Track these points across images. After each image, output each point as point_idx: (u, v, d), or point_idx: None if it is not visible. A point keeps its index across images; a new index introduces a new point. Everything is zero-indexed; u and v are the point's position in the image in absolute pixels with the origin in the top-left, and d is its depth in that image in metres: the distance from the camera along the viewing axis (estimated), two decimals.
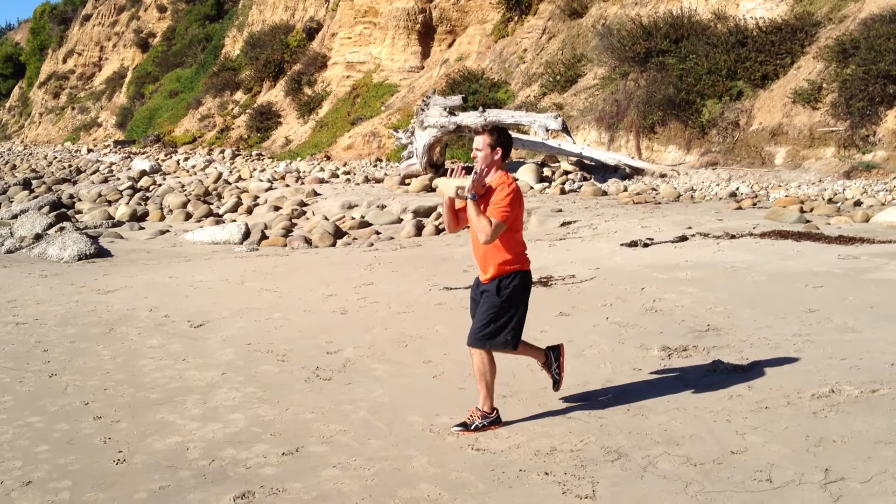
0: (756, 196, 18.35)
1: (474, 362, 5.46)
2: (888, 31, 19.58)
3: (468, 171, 5.45)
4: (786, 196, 17.61)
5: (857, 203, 16.25)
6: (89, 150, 53.24)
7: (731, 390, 5.99)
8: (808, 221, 13.95)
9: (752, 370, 6.42)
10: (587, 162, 24.32)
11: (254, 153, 42.45)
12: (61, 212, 21.38)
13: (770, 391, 5.92)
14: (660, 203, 18.29)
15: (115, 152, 48.63)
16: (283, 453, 5.27)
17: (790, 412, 5.51)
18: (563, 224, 16.09)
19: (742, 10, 25.48)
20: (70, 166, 39.77)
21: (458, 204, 5.52)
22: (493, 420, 5.52)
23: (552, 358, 5.90)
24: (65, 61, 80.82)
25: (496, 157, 5.40)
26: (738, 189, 19.36)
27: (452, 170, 5.55)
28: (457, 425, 5.53)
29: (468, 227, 5.57)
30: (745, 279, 9.73)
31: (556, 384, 5.93)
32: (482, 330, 5.40)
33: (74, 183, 31.06)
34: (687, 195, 19.26)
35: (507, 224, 5.28)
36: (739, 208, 16.57)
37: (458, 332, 7.21)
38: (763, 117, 22.23)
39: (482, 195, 5.32)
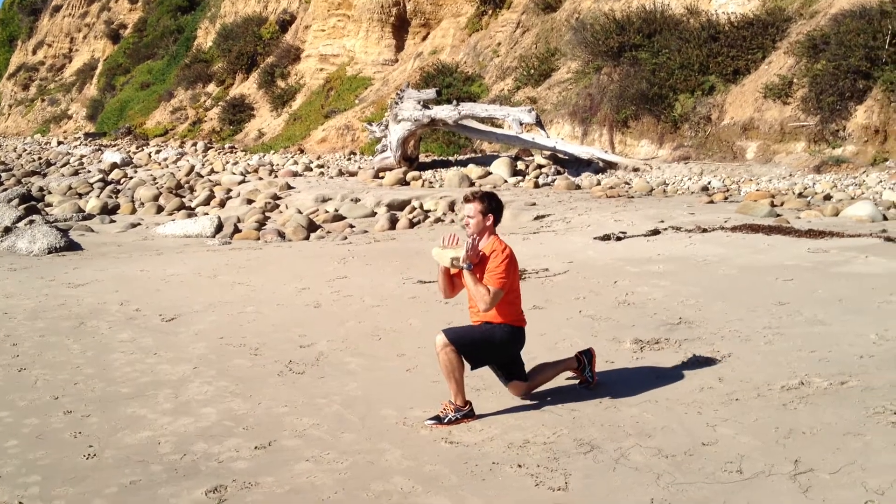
0: (727, 190, 18.49)
1: (441, 360, 5.50)
2: (858, 26, 19.79)
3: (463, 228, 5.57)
4: (757, 190, 17.76)
5: (827, 197, 16.42)
6: (59, 143, 52.58)
7: (703, 382, 6.04)
8: (778, 215, 14.08)
9: (723, 362, 6.48)
10: (561, 156, 24.39)
11: (226, 146, 42.15)
12: (31, 204, 21.10)
13: (740, 383, 5.97)
14: (633, 197, 18.38)
15: (86, 145, 48.08)
16: (255, 447, 5.25)
17: (760, 404, 5.56)
18: (537, 218, 16.13)
19: (714, 6, 25.65)
20: (40, 159, 39.29)
21: (453, 271, 5.61)
22: (466, 413, 5.54)
23: (585, 362, 6.07)
24: (34, 52, 79.78)
25: (488, 223, 5.51)
26: (709, 183, 19.49)
27: (448, 238, 5.59)
28: (430, 418, 5.54)
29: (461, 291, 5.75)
30: (716, 272, 9.81)
31: (589, 384, 6.07)
32: (462, 335, 5.51)
33: (44, 175, 30.68)
34: (659, 189, 19.37)
35: (504, 290, 5.41)
36: (711, 202, 16.69)
37: (432, 326, 7.22)
38: (735, 112, 22.40)
39: (477, 263, 5.38)
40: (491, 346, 5.58)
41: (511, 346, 5.68)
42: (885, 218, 13.55)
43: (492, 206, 5.53)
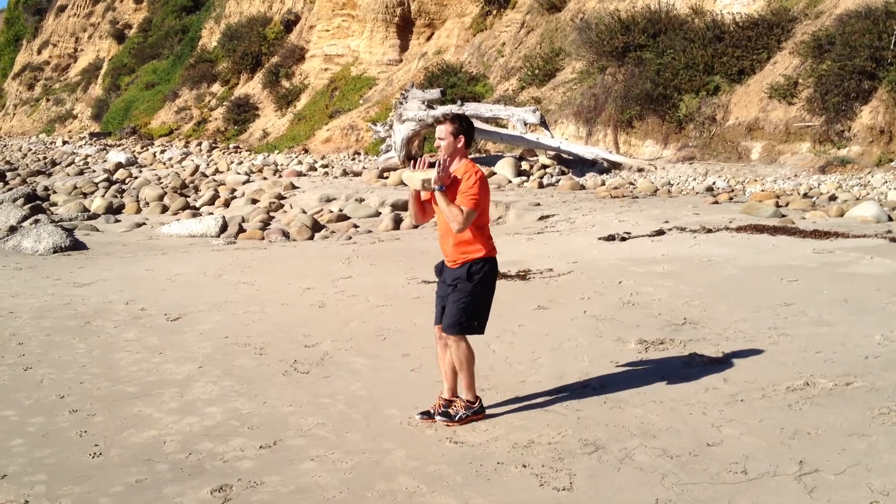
0: (732, 190, 18.46)
1: (455, 352, 5.43)
2: (863, 26, 19.75)
3: (432, 165, 5.44)
4: (762, 190, 17.73)
5: (832, 198, 16.39)
6: (64, 142, 52.71)
7: (707, 383, 6.03)
8: (783, 216, 14.06)
9: (728, 363, 6.48)
10: (565, 156, 24.37)
11: (231, 146, 42.20)
12: (36, 204, 21.15)
13: (745, 384, 5.97)
14: (637, 197, 18.37)
15: (91, 144, 48.20)
16: (260, 446, 5.26)
17: (765, 405, 5.56)
18: (541, 218, 16.12)
19: (719, 6, 25.62)
20: (45, 158, 39.40)
21: (424, 196, 5.52)
22: (476, 410, 5.53)
23: (460, 412, 5.58)
24: (40, 52, 79.90)
25: (459, 146, 5.39)
26: (714, 183, 19.47)
27: (417, 162, 5.53)
28: (440, 416, 5.52)
29: (433, 218, 5.60)
30: (721, 273, 9.80)
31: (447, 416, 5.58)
32: (459, 316, 5.37)
33: (49, 175, 30.76)
34: (664, 189, 19.35)
35: (477, 211, 5.29)
36: (716, 202, 16.67)
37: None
38: (739, 112, 22.37)
39: (449, 185, 5.33)
40: (482, 298, 5.43)
41: (494, 280, 5.52)
42: (890, 219, 13.52)
43: (463, 127, 5.41)
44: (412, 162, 5.50)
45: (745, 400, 5.66)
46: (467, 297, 5.38)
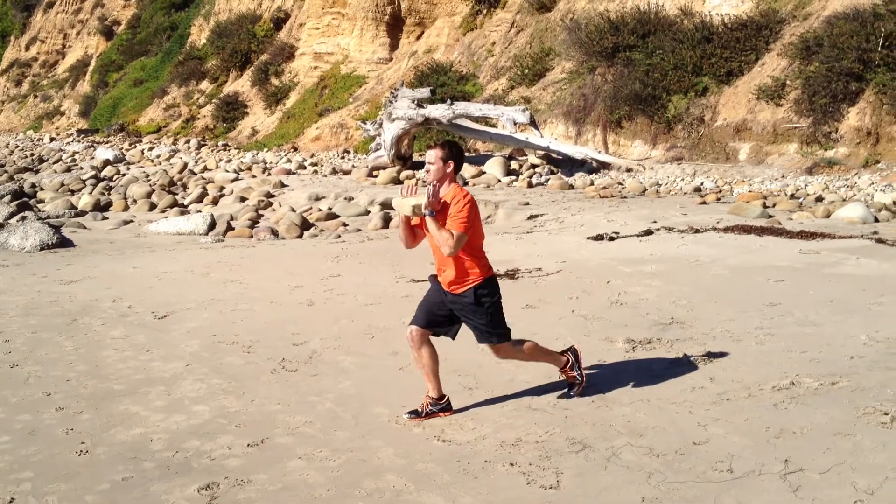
0: (720, 191, 18.52)
1: (503, 355, 5.72)
2: (851, 28, 19.84)
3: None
4: (749, 191, 17.80)
5: (819, 199, 16.47)
6: (52, 139, 52.45)
7: (694, 382, 6.06)
8: (770, 216, 14.12)
9: (715, 362, 6.51)
10: (554, 156, 24.41)
11: (220, 143, 42.06)
12: (23, 201, 21.07)
13: (732, 383, 6.00)
14: (626, 197, 18.42)
15: (79, 141, 47.95)
16: (248, 445, 5.26)
17: (751, 404, 5.59)
18: (531, 217, 16.15)
19: (708, 7, 25.69)
20: (32, 155, 39.20)
21: (415, 221, 5.57)
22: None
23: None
24: (27, 49, 79.46)
25: (448, 171, 5.46)
26: (702, 184, 19.53)
27: (407, 187, 5.56)
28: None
29: (424, 239, 5.70)
30: (708, 273, 9.84)
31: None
32: (490, 331, 5.56)
33: (37, 172, 30.64)
34: (652, 189, 19.40)
35: (467, 235, 5.35)
36: (704, 203, 16.72)
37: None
38: (728, 113, 22.44)
39: (439, 210, 5.37)
40: (498, 307, 5.62)
41: (499, 293, 5.68)
42: (876, 220, 13.60)
43: (452, 153, 5.47)
44: (402, 188, 5.55)
45: (731, 399, 5.69)
46: (486, 317, 5.53)
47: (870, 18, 19.87)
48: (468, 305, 5.50)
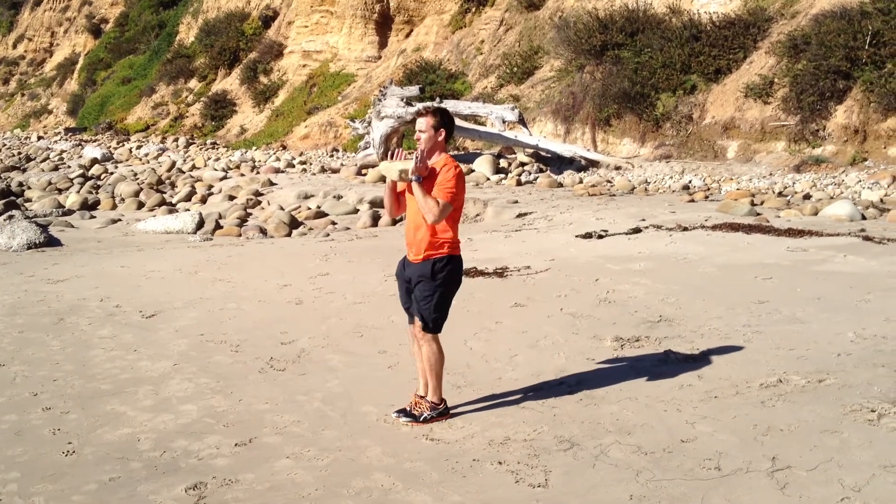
0: (708, 189, 18.56)
1: (426, 352, 5.46)
2: (838, 27, 19.91)
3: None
4: (737, 189, 17.84)
5: (807, 196, 16.53)
6: (39, 138, 52.16)
7: (682, 380, 6.07)
8: (758, 214, 14.16)
9: (703, 360, 6.52)
10: (543, 154, 24.42)
11: (208, 142, 41.94)
12: (10, 200, 20.97)
13: (719, 381, 6.01)
14: (614, 195, 18.44)
15: (66, 140, 47.66)
16: (235, 444, 5.25)
17: (739, 401, 5.60)
18: (519, 215, 16.15)
19: (696, 5, 25.74)
20: (19, 153, 38.95)
21: (401, 186, 5.51)
22: (441, 411, 5.54)
23: (423, 412, 5.59)
24: (15, 47, 79.07)
25: (439, 139, 5.40)
26: (690, 182, 19.57)
27: (395, 153, 5.53)
28: (405, 416, 5.53)
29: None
30: (696, 271, 9.86)
31: (410, 417, 5.61)
32: (433, 314, 5.41)
33: (24, 170, 30.45)
34: (641, 187, 19.43)
35: (453, 205, 5.29)
36: (692, 201, 16.76)
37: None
38: (716, 111, 22.50)
39: (426, 177, 5.32)
40: (446, 295, 5.45)
41: (458, 278, 5.52)
42: (863, 217, 13.66)
43: (443, 120, 5.42)
44: (389, 154, 5.49)
45: (718, 397, 5.71)
46: (432, 295, 5.39)
47: (857, 16, 19.94)
48: (422, 275, 5.40)
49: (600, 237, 12.48)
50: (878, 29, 19.16)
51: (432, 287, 5.39)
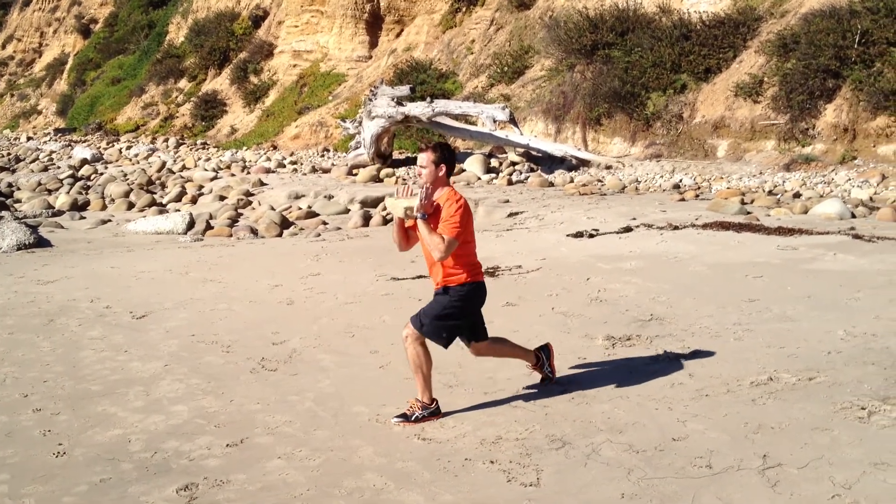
0: (699, 188, 18.62)
1: (411, 352, 5.48)
2: (828, 26, 19.98)
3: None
4: (727, 188, 17.89)
5: (797, 195, 16.58)
6: (29, 138, 51.93)
7: (673, 378, 6.09)
8: (748, 213, 14.20)
9: (694, 359, 6.54)
10: (534, 153, 24.44)
11: (198, 142, 41.83)
12: None
13: (710, 379, 6.03)
14: (605, 194, 18.47)
15: (56, 140, 47.51)
16: (227, 445, 5.24)
17: (730, 399, 5.62)
18: (510, 215, 16.16)
19: (686, 5, 25.80)
20: (9, 154, 38.78)
21: (408, 223, 5.55)
22: (433, 411, 5.53)
23: (543, 358, 6.06)
24: (4, 47, 78.72)
25: (440, 174, 5.43)
26: (681, 181, 19.62)
27: (400, 189, 5.53)
28: (397, 416, 5.54)
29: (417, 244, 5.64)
30: (687, 269, 9.88)
31: (549, 381, 6.08)
32: (426, 318, 5.45)
33: (13, 171, 30.31)
34: (632, 187, 19.47)
35: (459, 240, 5.32)
36: (682, 200, 16.80)
37: (405, 323, 7.21)
38: (706, 110, 22.56)
39: (431, 213, 5.35)
40: (456, 316, 5.50)
41: (475, 304, 5.59)
42: (853, 216, 13.72)
43: (444, 156, 5.45)
44: (395, 190, 5.52)
45: (709, 395, 5.72)
46: (441, 308, 5.46)
47: (846, 16, 20.02)
48: (437, 295, 5.51)
49: (591, 236, 12.50)
50: (867, 28, 19.24)
51: (444, 302, 5.47)
